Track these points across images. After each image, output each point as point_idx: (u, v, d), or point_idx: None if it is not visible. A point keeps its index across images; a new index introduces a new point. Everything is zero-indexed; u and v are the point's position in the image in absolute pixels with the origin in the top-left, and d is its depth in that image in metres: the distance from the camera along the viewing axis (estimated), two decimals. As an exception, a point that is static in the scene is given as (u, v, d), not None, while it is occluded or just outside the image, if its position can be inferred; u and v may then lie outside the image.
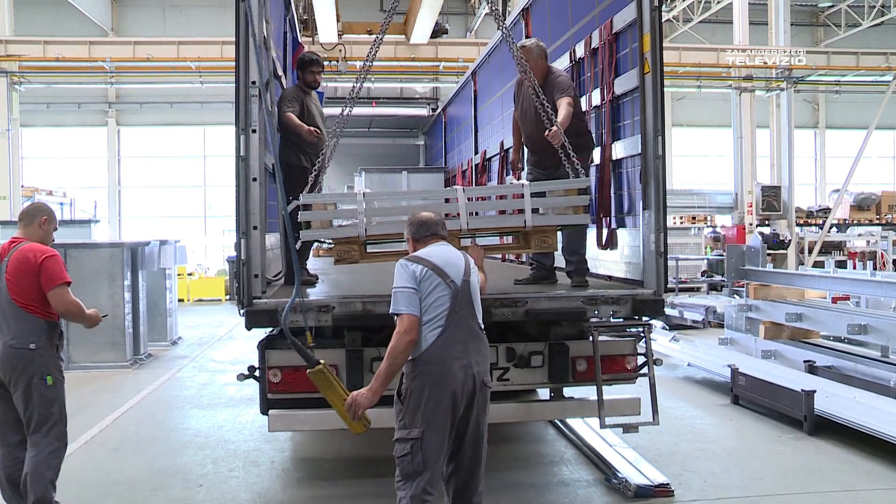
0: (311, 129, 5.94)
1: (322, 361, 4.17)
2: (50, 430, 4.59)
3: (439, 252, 4.05)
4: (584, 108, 6.23)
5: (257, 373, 5.06)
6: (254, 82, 4.89)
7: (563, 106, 5.64)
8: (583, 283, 5.69)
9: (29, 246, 4.61)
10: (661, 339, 10.68)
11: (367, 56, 5.47)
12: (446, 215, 5.16)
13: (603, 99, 6.10)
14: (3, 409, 4.66)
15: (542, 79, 5.87)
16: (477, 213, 5.56)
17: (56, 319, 4.65)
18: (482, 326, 4.05)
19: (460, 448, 3.93)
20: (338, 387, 4.16)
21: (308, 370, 4.17)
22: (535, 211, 5.14)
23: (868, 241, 22.35)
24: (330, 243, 5.16)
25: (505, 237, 5.85)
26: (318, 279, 6.22)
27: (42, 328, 4.58)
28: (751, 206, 21.40)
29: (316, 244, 7.44)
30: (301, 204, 5.00)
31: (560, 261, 6.10)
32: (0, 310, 4.57)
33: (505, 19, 6.95)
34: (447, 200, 5.37)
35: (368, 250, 5.04)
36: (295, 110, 6.00)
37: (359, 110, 6.43)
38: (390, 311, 3.91)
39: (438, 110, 15.17)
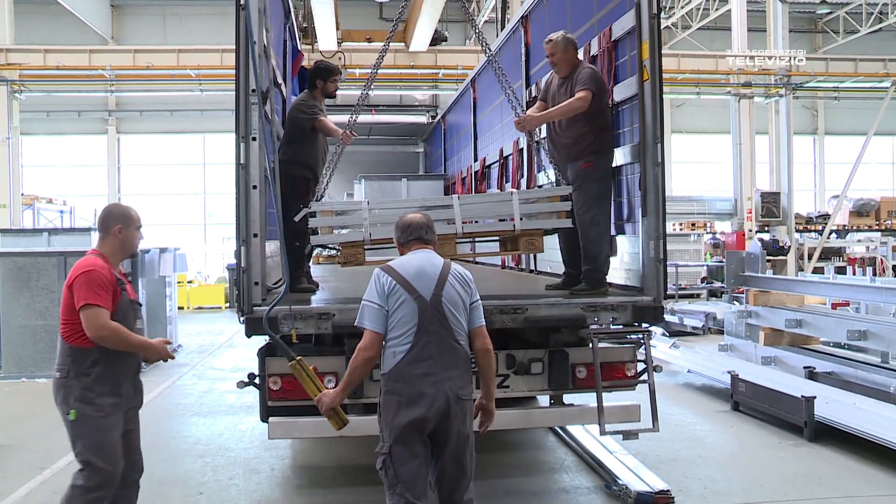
0: (346, 131, 6.06)
1: (298, 357, 4.25)
2: (80, 469, 4.08)
3: (416, 262, 3.96)
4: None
5: (257, 380, 5.07)
6: (254, 90, 4.90)
7: (568, 101, 5.59)
8: (585, 291, 5.56)
9: (80, 261, 4.11)
10: (661, 346, 10.69)
11: (374, 65, 5.80)
12: (448, 222, 5.27)
13: (602, 106, 6.09)
14: None
15: (569, 71, 5.77)
16: (477, 221, 5.72)
17: (89, 346, 3.99)
18: (460, 340, 3.91)
19: (442, 459, 3.90)
20: (311, 383, 4.21)
21: (288, 364, 4.32)
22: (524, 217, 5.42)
23: (867, 247, 22.39)
24: (335, 249, 5.44)
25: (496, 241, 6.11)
26: (318, 286, 6.23)
27: (68, 354, 4.03)
28: (750, 213, 21.43)
29: (317, 251, 7.54)
30: (310, 212, 5.37)
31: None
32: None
33: (503, 27, 6.99)
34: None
35: (371, 257, 5.39)
36: (323, 115, 6.12)
37: (359, 118, 6.87)
38: (355, 323, 3.91)
39: (438, 118, 15.20)
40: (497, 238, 5.84)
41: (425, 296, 3.84)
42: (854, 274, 14.47)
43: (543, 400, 6.02)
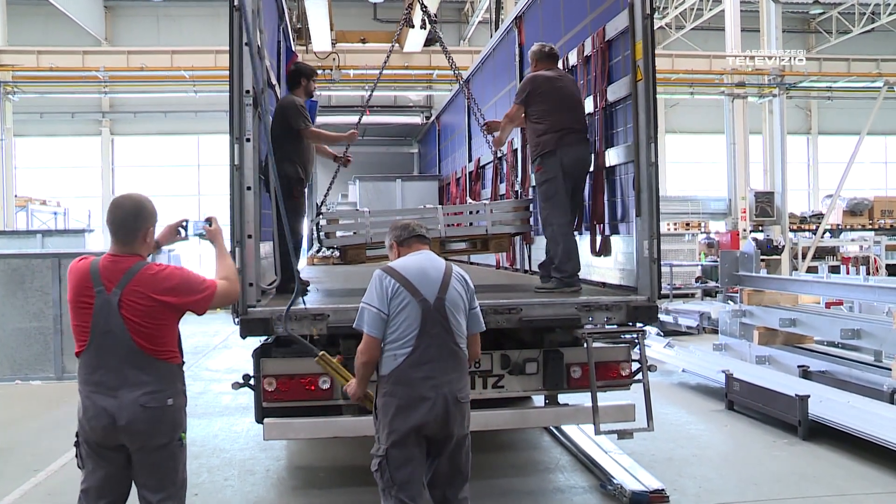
0: (352, 131, 6.75)
1: (322, 352, 4.28)
2: (176, 495, 3.72)
3: (417, 263, 3.93)
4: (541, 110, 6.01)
5: (252, 381, 5.06)
6: (248, 91, 4.90)
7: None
8: (545, 289, 5.66)
9: (146, 274, 3.50)
10: (655, 346, 10.70)
11: (382, 65, 7.18)
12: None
13: (596, 106, 6.12)
14: (116, 480, 3.57)
15: None
16: (469, 224, 6.55)
17: (181, 361, 3.74)
18: (460, 343, 3.91)
19: (438, 460, 3.90)
20: (338, 374, 4.25)
21: (314, 360, 4.35)
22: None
23: (861, 246, 22.42)
24: (333, 250, 6.37)
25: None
26: (308, 285, 6.24)
27: (176, 375, 3.65)
28: (744, 212, 21.47)
29: (311, 252, 7.84)
30: (327, 219, 6.27)
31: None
32: (117, 357, 3.45)
33: (497, 27, 7.57)
34: None
35: (371, 253, 6.30)
36: (310, 123, 6.28)
37: (353, 119, 7.24)
38: (353, 325, 3.92)
39: (432, 118, 15.20)
40: (473, 240, 6.64)
41: (429, 298, 3.82)
42: (848, 273, 14.49)
43: (538, 400, 6.03)
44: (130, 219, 3.58)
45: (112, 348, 3.45)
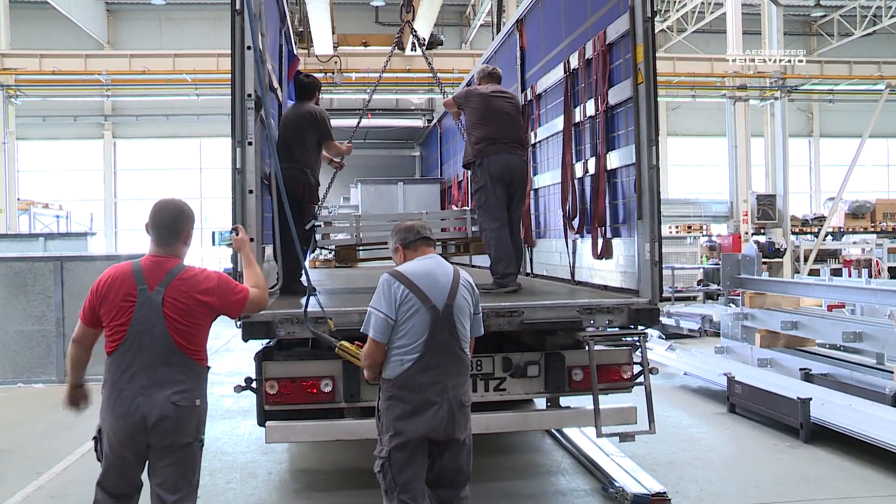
0: (348, 143, 7.06)
1: (340, 343, 4.33)
2: (190, 497, 3.73)
3: (426, 268, 3.91)
4: (471, 120, 6.43)
5: (254, 384, 5.07)
6: (249, 95, 4.91)
7: None
8: (483, 288, 5.89)
9: (188, 275, 3.67)
10: (657, 349, 10.70)
11: (382, 68, 7.77)
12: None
13: (597, 109, 6.13)
14: (130, 478, 3.70)
15: None
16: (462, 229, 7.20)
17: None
18: (465, 348, 3.92)
19: (440, 460, 3.91)
20: (355, 359, 4.27)
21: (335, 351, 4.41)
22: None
23: (863, 249, 22.39)
24: (333, 251, 7.04)
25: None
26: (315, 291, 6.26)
27: (204, 377, 3.70)
28: (746, 215, 21.44)
29: (312, 256, 8.13)
30: (322, 223, 6.88)
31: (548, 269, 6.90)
32: (152, 355, 3.55)
33: (499, 30, 8.08)
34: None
35: (363, 255, 7.11)
36: None
37: (354, 122, 7.43)
38: (360, 329, 3.92)
39: (434, 121, 15.21)
40: (457, 243, 7.23)
41: (438, 305, 3.82)
42: (850, 276, 14.49)
43: (540, 402, 6.03)
44: (173, 222, 3.73)
45: (149, 346, 3.55)
